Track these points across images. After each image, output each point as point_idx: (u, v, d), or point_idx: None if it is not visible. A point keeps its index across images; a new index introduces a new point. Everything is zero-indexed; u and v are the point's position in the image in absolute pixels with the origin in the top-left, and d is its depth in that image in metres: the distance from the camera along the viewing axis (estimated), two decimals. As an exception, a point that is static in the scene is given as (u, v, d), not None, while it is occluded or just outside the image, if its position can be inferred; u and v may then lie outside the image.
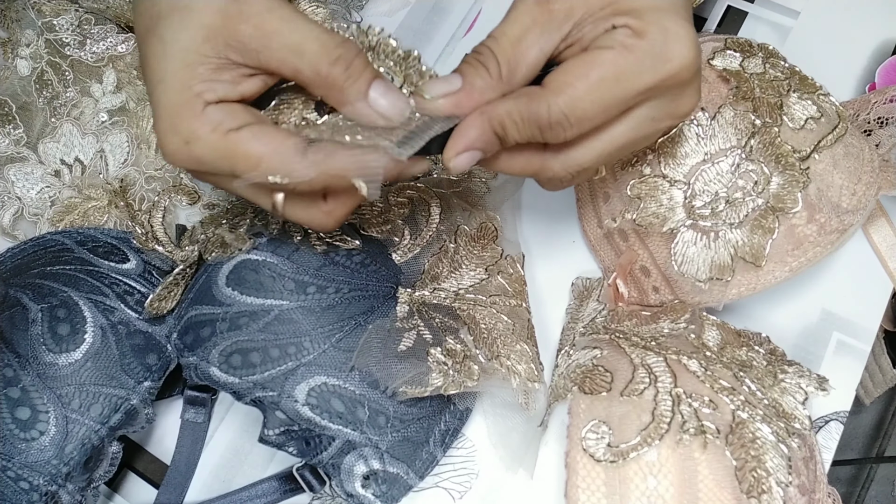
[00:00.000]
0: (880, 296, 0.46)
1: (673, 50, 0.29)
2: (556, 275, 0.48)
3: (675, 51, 0.29)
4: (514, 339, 0.40)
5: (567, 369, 0.39)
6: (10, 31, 0.53)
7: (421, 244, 0.42)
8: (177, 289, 0.41)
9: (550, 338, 0.46)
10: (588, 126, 0.30)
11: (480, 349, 0.38)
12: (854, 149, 0.40)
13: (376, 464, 0.38)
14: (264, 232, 0.39)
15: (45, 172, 0.50)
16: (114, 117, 0.51)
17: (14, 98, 0.51)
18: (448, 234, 0.43)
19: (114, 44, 0.53)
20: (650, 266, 0.42)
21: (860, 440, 0.99)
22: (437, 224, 0.42)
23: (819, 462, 0.38)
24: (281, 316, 0.37)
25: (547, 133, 0.29)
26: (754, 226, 0.38)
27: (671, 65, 0.29)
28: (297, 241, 0.39)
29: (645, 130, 0.31)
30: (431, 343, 0.38)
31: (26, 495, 0.35)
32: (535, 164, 0.32)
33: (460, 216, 0.44)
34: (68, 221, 0.48)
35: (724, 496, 0.33)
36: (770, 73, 0.41)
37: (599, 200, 0.45)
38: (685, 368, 0.36)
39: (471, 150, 0.30)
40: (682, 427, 0.33)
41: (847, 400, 0.44)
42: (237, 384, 0.37)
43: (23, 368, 0.36)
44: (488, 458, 0.43)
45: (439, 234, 0.42)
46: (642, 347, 0.37)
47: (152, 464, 0.45)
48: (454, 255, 0.42)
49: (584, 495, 0.34)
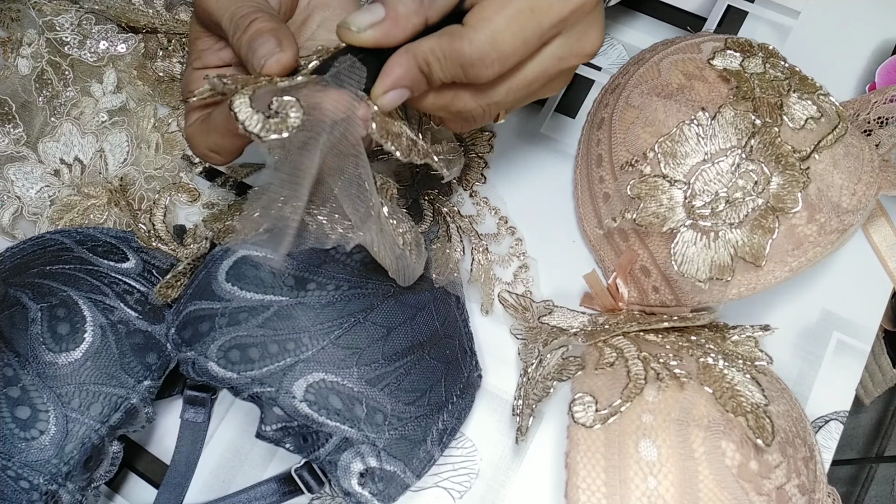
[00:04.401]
0: (880, 296, 0.46)
1: (586, 21, 0.30)
2: (556, 275, 0.48)
3: (585, 29, 0.30)
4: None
5: (542, 375, 0.40)
6: (10, 31, 0.53)
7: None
8: (184, 279, 0.41)
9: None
10: (511, 62, 0.30)
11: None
12: (854, 149, 0.40)
13: (373, 461, 0.38)
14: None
15: (45, 172, 0.50)
16: (114, 117, 0.51)
17: (14, 97, 0.51)
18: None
19: (114, 44, 0.53)
20: (650, 266, 0.42)
21: (860, 440, 1.00)
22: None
23: (819, 462, 0.38)
24: (280, 312, 0.37)
25: (469, 71, 0.30)
26: (754, 226, 0.38)
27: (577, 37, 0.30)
28: (313, 228, 0.38)
29: (551, 69, 0.32)
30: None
31: (26, 494, 0.35)
32: (442, 100, 0.33)
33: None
34: (68, 220, 0.48)
35: (725, 496, 0.33)
36: (770, 72, 0.41)
37: (599, 200, 0.45)
38: (644, 339, 0.39)
39: (398, 88, 0.31)
40: (658, 377, 0.36)
41: (847, 400, 0.44)
42: (235, 379, 0.37)
43: (22, 368, 0.36)
44: (488, 457, 0.43)
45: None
46: (602, 332, 0.40)
47: (152, 464, 0.45)
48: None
49: (585, 496, 0.34)
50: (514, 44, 0.30)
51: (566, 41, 0.31)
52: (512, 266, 0.48)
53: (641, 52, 0.47)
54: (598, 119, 0.46)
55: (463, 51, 0.29)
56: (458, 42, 0.30)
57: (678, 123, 0.39)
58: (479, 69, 0.30)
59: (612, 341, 0.39)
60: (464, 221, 0.48)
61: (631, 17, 0.54)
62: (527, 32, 0.30)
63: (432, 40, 0.30)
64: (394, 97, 0.31)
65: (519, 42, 0.30)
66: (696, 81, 0.41)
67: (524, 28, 0.30)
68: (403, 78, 0.31)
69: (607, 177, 0.44)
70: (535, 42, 0.30)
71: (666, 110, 0.40)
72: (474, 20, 0.30)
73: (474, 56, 0.29)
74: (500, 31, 0.29)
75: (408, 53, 0.31)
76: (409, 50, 0.31)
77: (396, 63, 0.31)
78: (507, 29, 0.29)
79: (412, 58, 0.30)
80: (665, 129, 0.40)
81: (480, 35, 0.29)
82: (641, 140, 0.41)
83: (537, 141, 0.51)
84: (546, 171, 0.50)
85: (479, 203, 0.50)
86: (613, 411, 0.35)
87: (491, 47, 0.29)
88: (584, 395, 0.36)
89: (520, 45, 0.30)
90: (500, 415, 0.44)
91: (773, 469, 0.34)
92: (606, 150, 0.44)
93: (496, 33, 0.29)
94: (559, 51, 0.32)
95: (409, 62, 0.31)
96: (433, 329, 0.41)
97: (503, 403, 0.45)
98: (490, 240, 0.48)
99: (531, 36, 0.30)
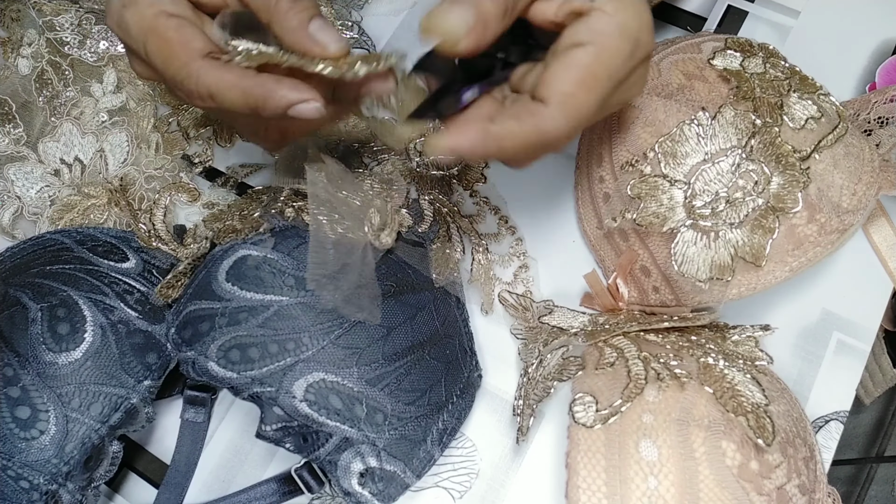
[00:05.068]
0: (880, 296, 0.46)
1: (643, 35, 0.30)
2: (556, 275, 0.48)
3: (644, 37, 0.30)
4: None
5: (542, 375, 0.40)
6: (10, 31, 0.53)
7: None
8: (185, 279, 0.41)
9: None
10: (587, 124, 0.31)
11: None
12: (854, 149, 0.40)
13: (373, 461, 0.38)
14: (279, 218, 0.39)
15: (45, 172, 0.50)
16: (114, 117, 0.51)
17: (14, 97, 0.51)
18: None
19: (114, 43, 0.53)
20: (650, 266, 0.42)
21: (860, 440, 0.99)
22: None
23: (819, 462, 0.38)
24: (280, 312, 0.37)
25: (549, 147, 0.30)
26: (754, 226, 0.38)
27: (643, 49, 0.30)
28: (313, 228, 0.39)
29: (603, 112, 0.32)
30: None
31: (26, 494, 0.35)
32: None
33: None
34: (68, 220, 0.48)
35: (725, 496, 0.33)
36: (770, 72, 0.41)
37: (599, 200, 0.45)
38: (645, 339, 0.39)
39: (454, 154, 0.30)
40: (659, 377, 0.36)
41: (847, 400, 0.44)
42: (235, 379, 0.37)
43: (23, 368, 0.36)
44: (488, 458, 0.43)
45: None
46: (602, 332, 0.40)
47: (152, 464, 0.45)
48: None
49: (585, 496, 0.34)
50: (590, 111, 0.29)
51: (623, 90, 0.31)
52: (512, 266, 0.48)
53: (641, 52, 0.47)
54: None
55: (546, 133, 0.29)
56: (539, 123, 0.29)
57: (678, 123, 0.39)
58: (561, 144, 0.30)
59: (612, 341, 0.39)
60: (464, 221, 0.48)
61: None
62: (601, 94, 0.29)
63: (511, 123, 0.29)
64: (446, 158, 0.31)
65: (594, 108, 0.29)
66: (696, 81, 0.41)
67: (600, 94, 0.29)
68: (465, 150, 0.29)
69: (607, 177, 0.44)
70: (607, 97, 0.30)
71: (666, 110, 0.40)
72: (550, 92, 0.29)
73: (560, 137, 0.29)
74: (580, 106, 0.29)
75: (481, 131, 0.29)
76: (487, 133, 0.29)
77: (464, 134, 0.29)
78: (587, 100, 0.29)
79: (485, 138, 0.29)
80: (665, 129, 0.40)
81: (561, 114, 0.29)
82: (642, 140, 0.41)
83: (537, 141, 0.51)
84: (546, 170, 0.50)
85: (479, 203, 0.50)
86: (614, 411, 0.35)
87: (575, 125, 0.29)
88: (585, 395, 0.36)
89: (595, 110, 0.30)
90: (500, 415, 0.44)
91: (773, 469, 0.34)
92: (607, 150, 0.44)
93: (578, 110, 0.29)
94: (615, 99, 0.32)
95: (478, 141, 0.29)
96: (433, 329, 0.40)
97: (503, 403, 0.45)
98: (490, 240, 0.48)
99: (605, 96, 0.30)
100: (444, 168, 0.50)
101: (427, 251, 0.44)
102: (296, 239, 0.39)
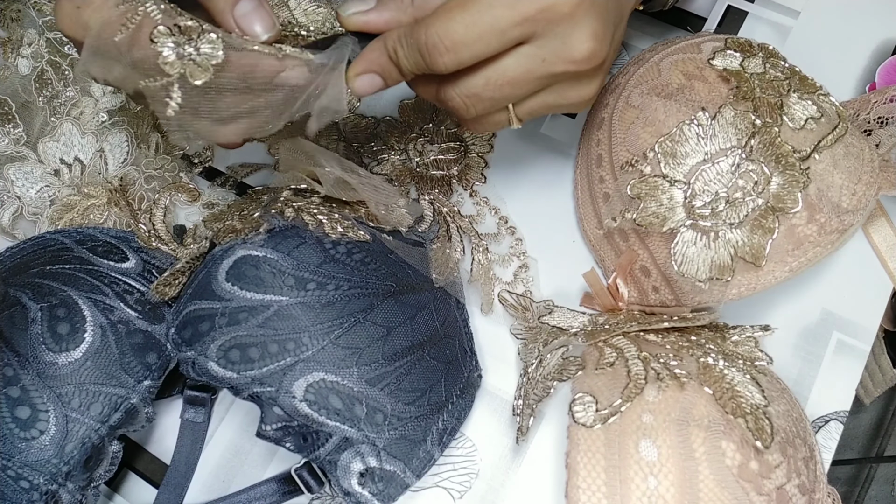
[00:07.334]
0: (880, 296, 0.46)
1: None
2: (556, 275, 0.48)
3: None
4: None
5: (542, 375, 0.40)
6: (10, 31, 0.53)
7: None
8: (182, 277, 0.41)
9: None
10: (466, 54, 0.31)
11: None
12: (854, 149, 0.40)
13: (373, 461, 0.38)
14: (279, 218, 0.39)
15: (45, 172, 0.50)
16: (114, 117, 0.51)
17: (14, 97, 0.51)
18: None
19: (114, 43, 0.53)
20: (650, 266, 0.42)
21: (860, 440, 1.00)
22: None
23: (819, 462, 0.38)
24: (280, 312, 0.37)
25: (427, 58, 0.31)
26: (754, 226, 0.38)
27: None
28: (313, 227, 0.39)
29: (538, 71, 0.32)
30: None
31: (26, 494, 0.35)
32: (432, 90, 0.35)
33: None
34: (68, 220, 0.48)
35: (725, 496, 0.33)
36: (770, 73, 0.41)
37: (599, 200, 0.45)
38: (644, 339, 0.39)
39: (369, 73, 0.33)
40: (658, 377, 0.36)
41: (847, 400, 0.44)
42: (235, 379, 0.37)
43: (22, 367, 0.36)
44: (488, 458, 0.43)
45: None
46: (602, 332, 0.40)
47: (152, 463, 0.45)
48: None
49: (585, 496, 0.34)
50: (465, 34, 0.30)
51: (547, 43, 0.31)
52: (512, 266, 0.48)
53: (641, 52, 0.47)
54: (598, 119, 0.46)
55: (419, 38, 0.31)
56: (416, 29, 0.31)
57: (678, 123, 0.39)
58: (433, 56, 0.31)
59: (612, 341, 0.39)
60: (464, 221, 0.48)
61: (631, 16, 0.54)
62: (481, 26, 0.30)
63: (401, 29, 0.32)
64: (366, 83, 0.33)
65: (473, 34, 0.30)
66: (696, 81, 0.41)
67: (478, 22, 0.30)
68: (374, 63, 0.32)
69: (607, 177, 0.44)
70: (494, 38, 0.31)
71: (666, 110, 0.40)
72: (438, 10, 0.31)
73: (428, 43, 0.31)
74: (454, 21, 0.30)
75: (381, 41, 0.32)
76: (382, 38, 0.32)
77: (370, 48, 0.32)
78: (461, 19, 0.30)
79: (383, 45, 0.32)
80: (665, 129, 0.40)
81: (436, 23, 0.30)
82: (641, 140, 0.41)
83: (537, 141, 0.51)
84: (546, 171, 0.50)
85: (479, 203, 0.50)
86: (614, 411, 0.35)
87: (444, 35, 0.30)
88: (585, 395, 0.36)
89: (473, 37, 0.30)
90: (500, 415, 0.44)
91: (773, 469, 0.34)
92: (606, 150, 0.44)
93: (450, 22, 0.30)
94: (541, 52, 0.31)
95: (380, 49, 0.32)
96: (433, 329, 0.41)
97: (503, 403, 0.45)
98: (490, 240, 0.48)
99: (486, 30, 0.30)
100: (444, 168, 0.50)
101: (427, 251, 0.44)
102: (296, 239, 0.39)
